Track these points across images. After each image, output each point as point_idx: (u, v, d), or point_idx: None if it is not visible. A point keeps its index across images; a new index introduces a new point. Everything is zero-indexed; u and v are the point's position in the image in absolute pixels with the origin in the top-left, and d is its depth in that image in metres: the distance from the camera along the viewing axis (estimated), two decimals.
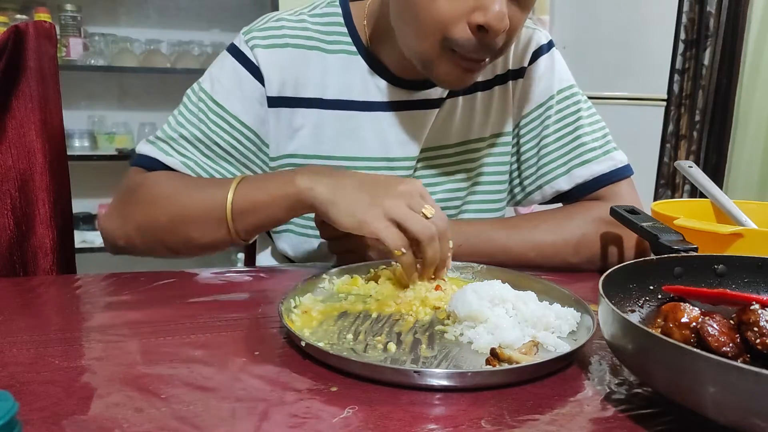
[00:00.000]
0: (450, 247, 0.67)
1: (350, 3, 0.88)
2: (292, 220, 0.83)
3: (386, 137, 0.86)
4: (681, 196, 2.98)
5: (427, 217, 0.63)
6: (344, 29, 0.86)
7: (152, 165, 0.83)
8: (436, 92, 0.87)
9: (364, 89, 0.85)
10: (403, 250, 0.63)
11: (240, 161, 0.85)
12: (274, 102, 0.84)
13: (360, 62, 0.85)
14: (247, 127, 0.84)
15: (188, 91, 0.86)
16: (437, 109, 0.87)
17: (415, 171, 0.89)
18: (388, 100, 0.86)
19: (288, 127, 0.85)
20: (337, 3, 0.88)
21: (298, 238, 0.89)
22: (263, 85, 0.83)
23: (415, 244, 0.64)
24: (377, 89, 0.86)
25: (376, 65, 0.85)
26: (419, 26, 0.72)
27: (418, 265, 0.66)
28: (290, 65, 0.84)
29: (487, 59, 0.74)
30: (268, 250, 1.01)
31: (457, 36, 0.70)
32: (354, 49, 0.85)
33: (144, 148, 0.84)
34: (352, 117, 0.85)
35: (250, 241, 0.78)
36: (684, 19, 2.90)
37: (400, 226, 0.63)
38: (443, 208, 0.90)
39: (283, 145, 0.86)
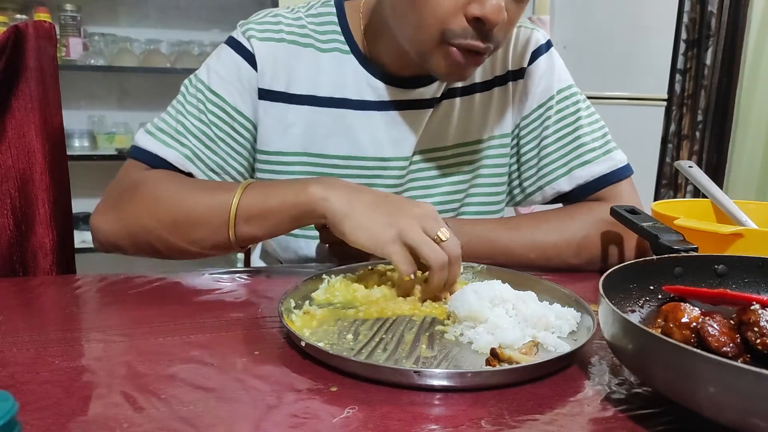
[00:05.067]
0: (460, 272, 0.66)
1: (345, 2, 0.88)
2: None
3: (379, 136, 0.86)
4: (683, 197, 2.98)
5: (441, 241, 0.63)
6: (338, 28, 0.86)
7: (151, 160, 0.82)
8: (430, 91, 0.86)
9: (357, 88, 0.85)
10: (412, 276, 0.63)
11: (239, 152, 0.85)
12: (265, 94, 0.84)
13: (353, 61, 0.85)
14: (245, 117, 0.84)
15: (185, 81, 0.86)
16: (431, 109, 0.87)
17: (408, 172, 0.89)
18: (381, 99, 0.86)
19: (279, 123, 0.85)
20: (332, 2, 0.88)
21: (285, 238, 0.88)
22: (257, 73, 0.83)
23: (425, 268, 0.64)
24: (370, 88, 0.85)
25: (370, 64, 0.85)
26: (417, 19, 0.72)
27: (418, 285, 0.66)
28: (284, 60, 0.84)
29: (485, 54, 0.74)
30: (257, 253, 1.02)
31: (454, 28, 0.71)
32: (347, 48, 0.86)
33: (142, 140, 0.83)
34: (345, 115, 0.85)
35: (246, 248, 0.77)
36: (685, 18, 2.90)
37: (412, 250, 0.63)
38: (439, 211, 0.90)
39: (274, 141, 0.85)
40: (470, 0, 0.69)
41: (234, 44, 0.85)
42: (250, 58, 0.83)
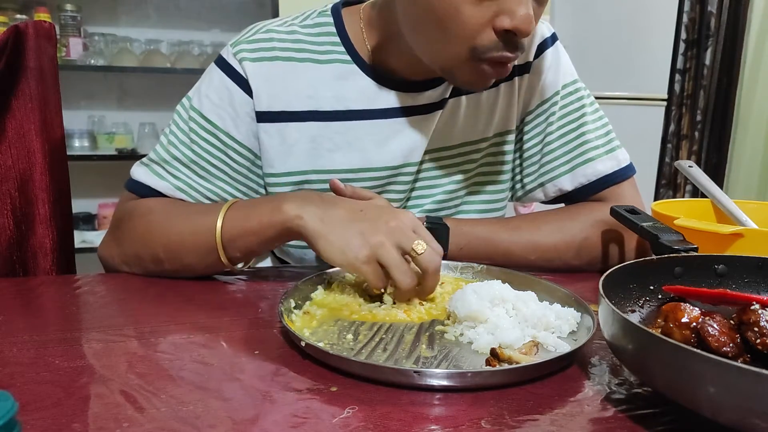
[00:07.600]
0: (438, 282, 0.66)
1: (343, 9, 0.85)
2: None
3: (388, 145, 0.84)
4: (683, 197, 2.98)
5: (417, 254, 0.62)
6: (337, 38, 0.83)
7: (144, 191, 0.82)
8: (438, 93, 0.84)
9: (362, 97, 0.83)
10: (383, 290, 0.65)
11: (235, 178, 0.83)
12: (263, 117, 0.81)
13: (355, 71, 0.83)
14: (239, 143, 0.82)
15: (178, 107, 0.84)
16: (440, 111, 0.85)
17: (418, 173, 0.88)
18: (388, 107, 0.83)
19: (282, 143, 0.82)
20: (329, 12, 0.85)
21: (298, 251, 0.88)
22: (252, 98, 0.81)
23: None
24: (376, 96, 0.83)
25: (375, 71, 0.83)
26: (443, 36, 0.70)
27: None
28: (280, 78, 0.81)
29: (513, 61, 0.73)
30: (267, 259, 1.01)
31: (484, 43, 0.69)
32: (348, 58, 0.83)
33: (137, 172, 0.83)
34: (350, 127, 0.83)
35: (246, 266, 0.76)
36: (685, 18, 2.90)
37: (385, 269, 0.63)
38: (440, 209, 0.90)
39: (279, 163, 0.83)
40: (498, 12, 0.67)
41: (225, 67, 0.81)
42: (243, 83, 0.80)
